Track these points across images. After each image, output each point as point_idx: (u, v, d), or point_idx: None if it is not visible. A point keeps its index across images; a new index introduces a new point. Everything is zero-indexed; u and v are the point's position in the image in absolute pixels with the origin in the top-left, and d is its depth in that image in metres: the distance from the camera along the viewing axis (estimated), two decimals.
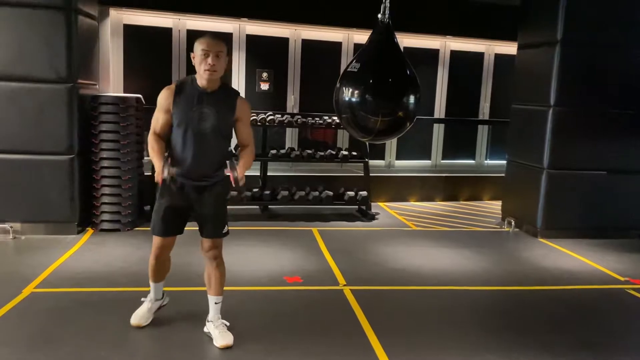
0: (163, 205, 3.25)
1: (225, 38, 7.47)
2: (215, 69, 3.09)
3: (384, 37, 3.87)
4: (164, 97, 3.17)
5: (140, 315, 3.52)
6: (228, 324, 3.43)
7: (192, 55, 3.16)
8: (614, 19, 6.00)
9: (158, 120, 3.19)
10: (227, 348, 3.29)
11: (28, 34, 5.17)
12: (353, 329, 3.66)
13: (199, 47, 3.10)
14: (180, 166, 3.18)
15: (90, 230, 5.70)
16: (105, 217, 5.70)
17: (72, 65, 5.33)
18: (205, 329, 3.48)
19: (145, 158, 6.05)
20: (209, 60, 3.06)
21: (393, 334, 3.62)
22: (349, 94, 3.82)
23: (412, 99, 3.84)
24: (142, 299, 3.58)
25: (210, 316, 3.45)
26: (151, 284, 3.53)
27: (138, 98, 5.93)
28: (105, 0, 6.50)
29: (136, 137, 5.82)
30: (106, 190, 5.67)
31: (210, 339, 3.40)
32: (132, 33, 7.24)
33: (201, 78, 3.15)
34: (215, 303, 3.41)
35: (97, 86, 6.21)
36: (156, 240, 3.33)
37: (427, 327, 3.80)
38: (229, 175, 3.14)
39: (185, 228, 3.38)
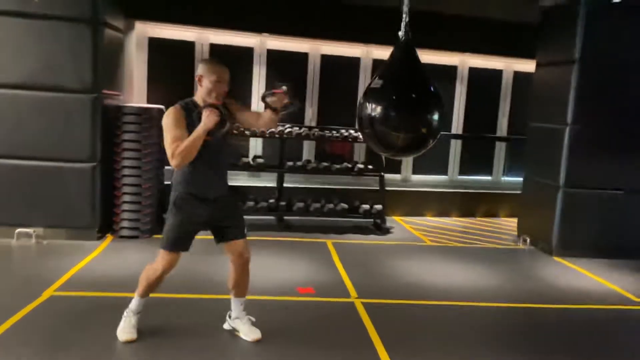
0: (184, 221, 3.32)
1: (246, 52, 7.68)
2: (223, 95, 3.31)
3: (405, 54, 3.92)
4: (179, 116, 3.21)
5: (129, 330, 3.49)
6: (254, 319, 3.63)
7: (198, 76, 3.28)
8: (632, 37, 6.00)
9: (177, 137, 3.16)
10: (257, 341, 3.54)
11: (56, 46, 5.37)
12: (363, 342, 3.70)
13: (213, 73, 3.25)
14: (202, 180, 3.30)
15: (109, 237, 5.84)
16: (125, 224, 5.84)
17: (97, 76, 5.51)
18: (226, 326, 3.68)
19: (166, 167, 6.18)
20: (223, 88, 3.29)
21: (402, 347, 3.65)
22: (372, 110, 3.86)
23: (435, 115, 3.86)
24: (124, 315, 3.53)
25: (236, 313, 3.63)
26: (138, 299, 3.51)
27: (160, 109, 6.09)
28: (131, 14, 6.69)
29: (157, 147, 5.95)
30: (126, 198, 5.81)
31: (232, 337, 3.59)
32: (156, 46, 7.43)
33: (206, 99, 3.27)
34: (241, 304, 3.63)
35: (121, 97, 6.39)
36: (170, 256, 3.34)
37: (437, 342, 3.82)
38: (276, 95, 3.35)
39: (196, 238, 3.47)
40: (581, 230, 6.22)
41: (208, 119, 3.16)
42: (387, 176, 7.34)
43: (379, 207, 6.89)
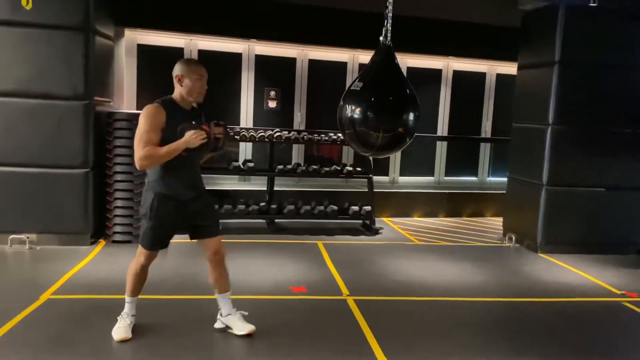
0: (161, 224, 3.41)
1: (234, 58, 7.79)
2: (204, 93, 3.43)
3: (386, 59, 4.08)
4: (157, 116, 3.26)
5: (124, 330, 3.55)
6: (246, 313, 3.72)
7: (177, 76, 3.36)
8: (611, 40, 6.21)
9: (152, 139, 3.21)
10: (250, 335, 3.64)
11: (48, 53, 5.43)
12: (356, 337, 3.81)
13: (192, 74, 3.34)
14: (176, 182, 3.38)
15: (102, 242, 5.89)
16: (118, 229, 5.90)
17: (88, 83, 5.58)
18: (217, 325, 3.75)
19: None
20: (204, 86, 3.40)
21: (394, 342, 3.77)
22: (352, 111, 4.01)
23: (411, 116, 4.03)
24: (120, 317, 3.62)
25: (227, 310, 3.70)
26: (129, 299, 3.61)
27: None
28: (121, 22, 6.77)
29: None
30: (119, 203, 5.87)
31: (225, 335, 3.66)
32: (145, 52, 7.52)
33: (187, 97, 3.37)
34: (228, 298, 3.71)
35: (112, 103, 6.46)
36: (149, 254, 3.49)
37: (428, 336, 3.94)
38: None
39: (183, 241, 3.56)
40: (565, 227, 6.40)
41: (192, 140, 3.22)
42: (376, 178, 7.48)
43: (368, 208, 7.02)
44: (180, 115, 3.34)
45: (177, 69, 3.38)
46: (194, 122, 3.33)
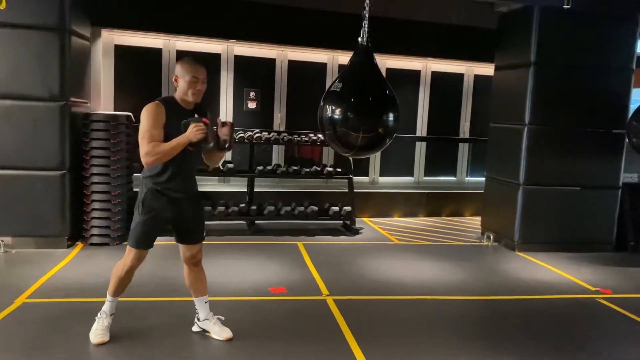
0: (150, 219, 3.38)
1: (213, 58, 7.75)
2: (202, 93, 3.38)
3: (365, 59, 4.11)
4: (158, 113, 3.26)
5: (102, 332, 3.51)
6: (223, 318, 3.70)
7: (174, 77, 3.35)
8: (585, 41, 6.32)
9: (154, 136, 3.22)
10: (229, 340, 3.61)
11: (23, 54, 5.36)
12: (335, 337, 3.83)
13: (188, 73, 3.31)
14: (170, 179, 3.36)
15: (80, 245, 5.82)
16: (95, 231, 5.83)
17: (64, 84, 5.51)
18: (195, 328, 3.72)
19: (134, 174, 6.20)
20: (198, 86, 3.34)
21: (373, 340, 3.79)
22: (332, 112, 4.03)
23: (391, 116, 4.07)
24: (97, 317, 3.56)
25: (204, 315, 3.68)
26: (111, 298, 3.56)
27: (128, 116, 6.11)
28: (98, 22, 6.69)
29: (126, 154, 5.97)
30: (96, 205, 5.81)
31: (204, 337, 3.64)
32: (123, 53, 7.44)
33: (185, 98, 3.35)
34: (205, 302, 3.68)
35: (89, 104, 6.39)
36: (137, 253, 3.42)
37: (407, 334, 3.97)
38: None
39: (162, 243, 3.54)
40: (541, 226, 6.50)
41: (194, 134, 3.21)
42: (356, 178, 7.50)
43: (348, 208, 7.04)
44: (181, 114, 3.31)
45: (176, 69, 3.37)
46: (196, 116, 3.32)
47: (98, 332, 3.52)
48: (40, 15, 5.35)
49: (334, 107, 4.01)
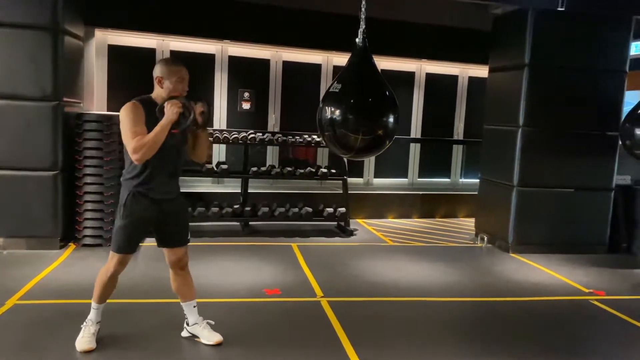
0: (132, 223, 3.30)
1: (207, 59, 7.73)
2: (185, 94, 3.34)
3: (362, 60, 4.09)
4: (138, 112, 3.21)
5: (88, 340, 3.44)
6: (213, 323, 3.64)
7: (157, 78, 3.29)
8: (579, 43, 6.35)
9: (137, 133, 3.15)
10: (219, 344, 3.54)
11: (16, 53, 5.31)
12: (329, 338, 3.81)
13: (175, 74, 3.27)
14: (152, 180, 3.29)
15: (72, 245, 5.78)
16: (88, 232, 5.79)
17: (57, 84, 5.47)
18: (184, 334, 3.67)
19: None
20: (184, 85, 3.31)
21: (367, 342, 3.78)
22: (331, 113, 4.01)
23: (391, 118, 4.04)
24: (83, 325, 3.49)
25: (193, 319, 3.62)
26: (96, 305, 3.49)
27: None
28: (91, 21, 6.66)
29: (119, 155, 5.92)
30: (89, 206, 5.77)
31: (194, 341, 3.58)
32: (116, 53, 7.40)
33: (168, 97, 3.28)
34: (194, 306, 3.62)
35: (82, 104, 6.35)
36: (120, 257, 3.35)
37: (401, 336, 3.96)
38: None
39: (153, 244, 3.49)
40: (535, 228, 6.52)
41: (170, 110, 3.14)
42: (350, 180, 7.50)
43: (342, 210, 7.03)
44: (155, 114, 3.25)
45: (158, 70, 3.30)
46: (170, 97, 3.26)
47: (85, 339, 3.44)
48: (33, 15, 5.31)
49: (333, 109, 3.98)
